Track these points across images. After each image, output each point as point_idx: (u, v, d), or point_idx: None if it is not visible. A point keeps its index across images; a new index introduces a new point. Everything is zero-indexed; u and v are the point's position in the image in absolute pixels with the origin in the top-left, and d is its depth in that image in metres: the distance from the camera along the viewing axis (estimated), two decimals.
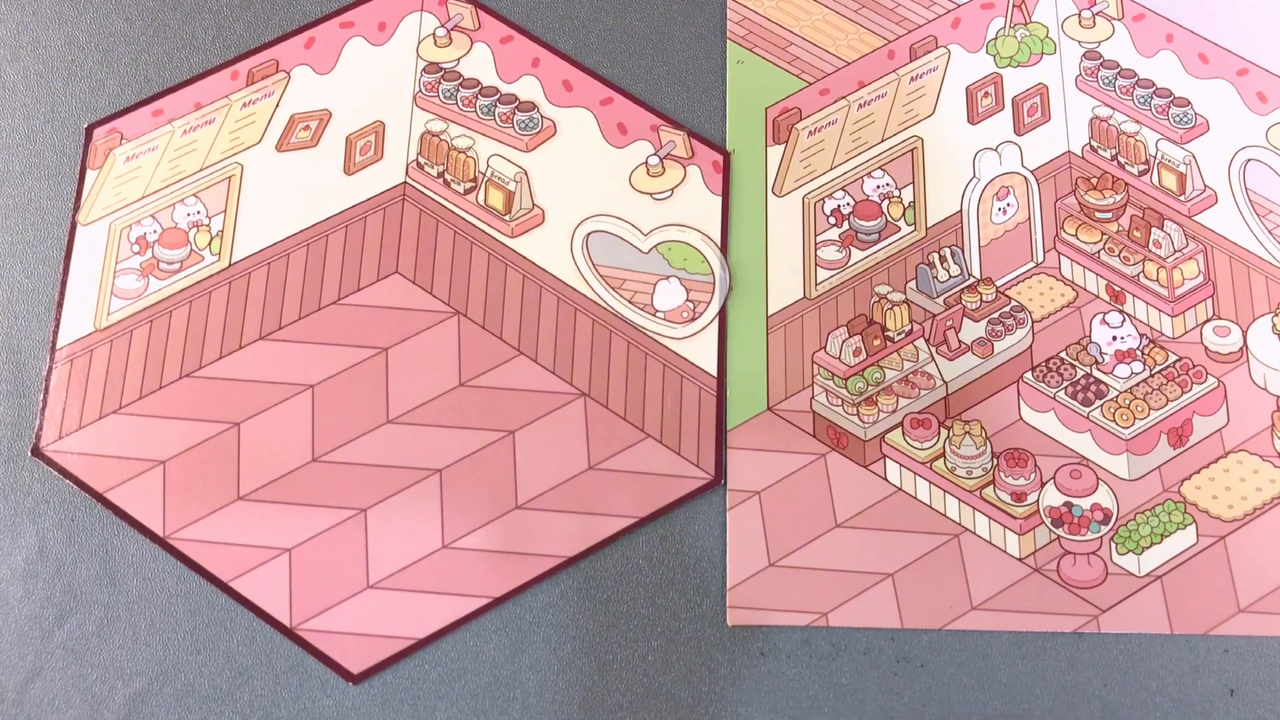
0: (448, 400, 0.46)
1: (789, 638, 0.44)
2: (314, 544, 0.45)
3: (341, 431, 0.46)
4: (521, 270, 0.48)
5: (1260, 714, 0.43)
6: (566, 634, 0.44)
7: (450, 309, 0.48)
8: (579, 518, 0.45)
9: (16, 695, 0.44)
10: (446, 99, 0.50)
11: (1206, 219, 0.49)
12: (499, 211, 0.49)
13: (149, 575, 0.45)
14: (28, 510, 0.46)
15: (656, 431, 0.46)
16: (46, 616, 0.45)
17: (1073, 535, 0.45)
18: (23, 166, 0.50)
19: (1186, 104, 0.51)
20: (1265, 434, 0.46)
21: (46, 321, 0.48)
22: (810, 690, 0.43)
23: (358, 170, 0.49)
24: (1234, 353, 0.47)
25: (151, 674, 0.44)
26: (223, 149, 0.50)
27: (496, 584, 0.44)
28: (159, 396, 0.47)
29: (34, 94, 0.51)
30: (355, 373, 0.47)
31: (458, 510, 0.45)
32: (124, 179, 0.49)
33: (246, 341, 0.47)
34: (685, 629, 0.44)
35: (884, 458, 0.46)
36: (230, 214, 0.49)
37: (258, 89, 0.51)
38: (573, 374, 0.47)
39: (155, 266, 0.48)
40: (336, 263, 0.48)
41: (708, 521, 0.45)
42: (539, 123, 0.50)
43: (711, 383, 0.47)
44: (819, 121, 0.51)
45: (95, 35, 0.52)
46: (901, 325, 0.48)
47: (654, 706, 0.43)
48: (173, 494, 0.45)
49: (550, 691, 0.43)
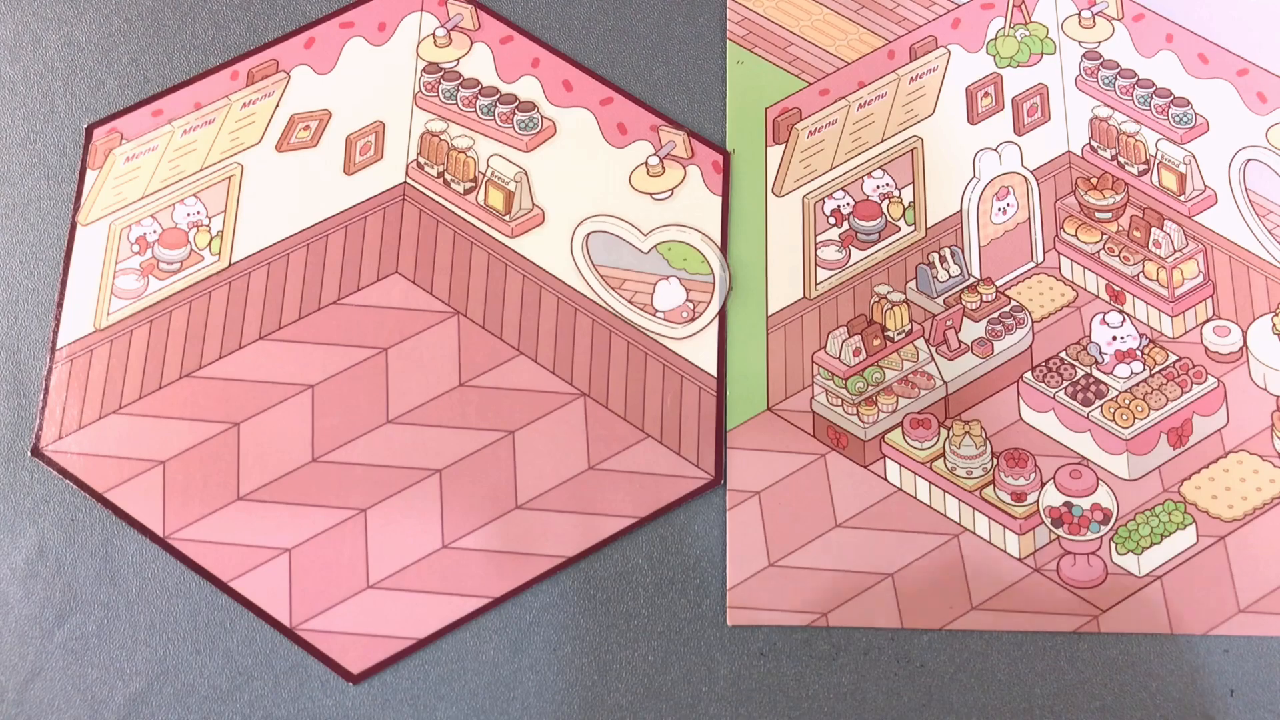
0: (448, 400, 0.46)
1: (789, 638, 0.44)
2: (314, 544, 0.45)
3: (341, 431, 0.46)
4: (521, 270, 0.48)
5: (1260, 714, 0.43)
6: (566, 634, 0.44)
7: (450, 309, 0.48)
8: (579, 518, 0.45)
9: (16, 695, 0.44)
10: (446, 99, 0.50)
11: (1206, 219, 0.49)
12: (499, 211, 0.49)
13: (149, 575, 0.45)
14: (28, 510, 0.46)
15: (656, 431, 0.46)
16: (46, 616, 0.45)
17: (1073, 535, 0.45)
18: (23, 166, 0.50)
19: (1186, 104, 0.51)
20: (1265, 434, 0.46)
21: (46, 321, 0.48)
22: (810, 690, 0.43)
23: (358, 170, 0.49)
24: (1234, 353, 0.47)
25: (151, 674, 0.44)
26: (223, 149, 0.50)
27: (496, 584, 0.44)
28: (159, 396, 0.47)
29: (34, 94, 0.51)
30: (355, 373, 0.47)
31: (458, 510, 0.45)
32: (124, 179, 0.49)
33: (246, 341, 0.47)
34: (685, 629, 0.44)
35: (884, 458, 0.46)
36: (230, 214, 0.49)
37: (258, 89, 0.51)
38: (573, 374, 0.47)
39: (155, 266, 0.48)
40: (336, 263, 0.48)
41: (708, 521, 0.45)
42: (539, 123, 0.50)
43: (711, 383, 0.47)
44: (819, 121, 0.51)
45: (95, 35, 0.52)
46: (901, 325, 0.48)
47: (654, 706, 0.43)
48: (173, 494, 0.45)
49: (550, 691, 0.43)
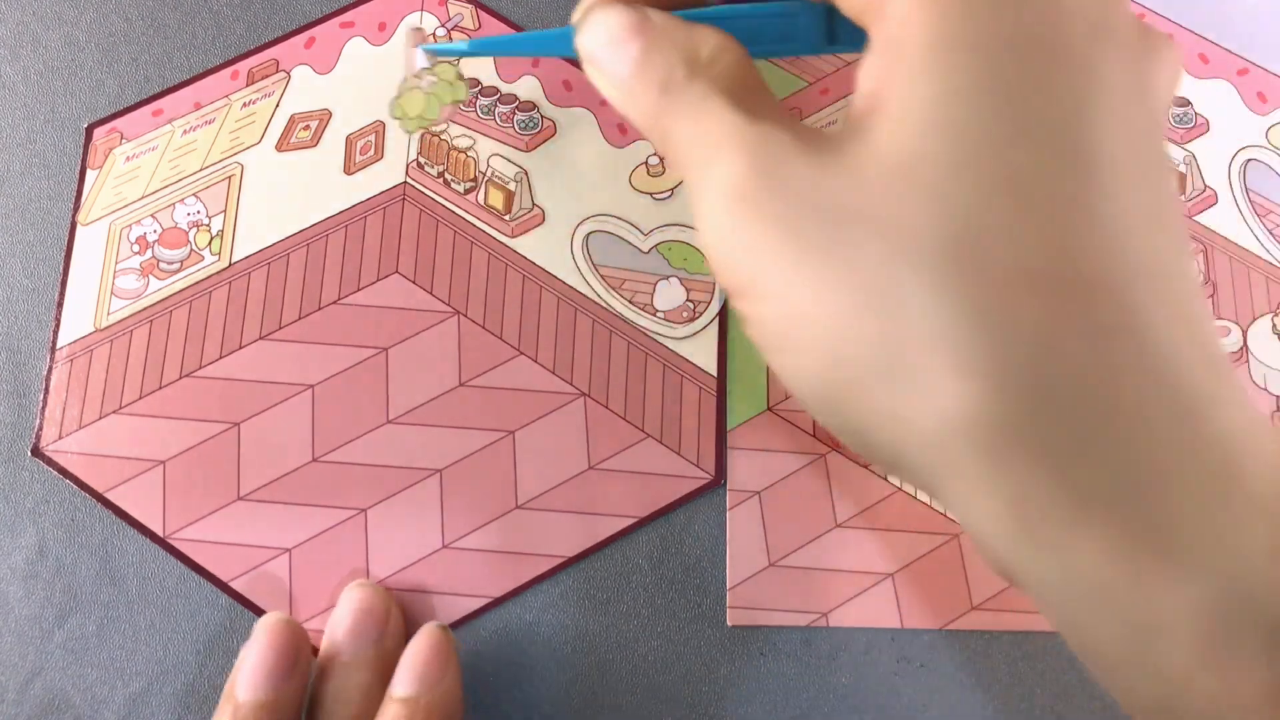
0: (448, 400, 0.46)
1: (789, 638, 0.44)
2: (314, 544, 0.45)
3: (341, 431, 0.46)
4: (521, 270, 0.48)
5: None
6: (566, 634, 0.44)
7: (450, 309, 0.48)
8: (579, 518, 0.45)
9: (16, 695, 0.44)
10: None
11: (1206, 219, 0.49)
12: (499, 211, 0.49)
13: (149, 575, 0.45)
14: (28, 510, 0.46)
15: (656, 431, 0.46)
16: (46, 616, 0.45)
17: None
18: (23, 166, 0.50)
19: (1186, 104, 0.51)
20: None
21: (46, 321, 0.48)
22: (810, 690, 0.43)
23: (358, 170, 0.49)
24: (1234, 353, 0.47)
25: (151, 674, 0.44)
26: (223, 149, 0.50)
27: (496, 584, 0.44)
28: (159, 396, 0.47)
29: (34, 94, 0.51)
30: (355, 373, 0.47)
31: (458, 510, 0.45)
32: (124, 179, 0.49)
33: (246, 341, 0.47)
34: (685, 629, 0.44)
35: None
36: (230, 214, 0.49)
37: (258, 89, 0.51)
38: (573, 374, 0.47)
39: (155, 266, 0.48)
40: (336, 263, 0.48)
41: (708, 521, 0.45)
42: (539, 123, 0.50)
43: (711, 383, 0.47)
44: (818, 121, 0.51)
45: (95, 35, 0.52)
46: None
47: (654, 706, 0.43)
48: (173, 494, 0.45)
49: (550, 691, 0.43)
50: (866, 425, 0.29)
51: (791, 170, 0.29)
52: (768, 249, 0.29)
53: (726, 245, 0.30)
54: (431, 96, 0.47)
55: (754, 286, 0.30)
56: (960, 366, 0.26)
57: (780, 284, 0.29)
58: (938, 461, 0.27)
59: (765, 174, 0.29)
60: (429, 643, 0.41)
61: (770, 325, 0.31)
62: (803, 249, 0.28)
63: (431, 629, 0.42)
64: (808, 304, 0.29)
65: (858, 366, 0.28)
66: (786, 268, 0.29)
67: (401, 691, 0.40)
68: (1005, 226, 0.26)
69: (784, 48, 0.37)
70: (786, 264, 0.29)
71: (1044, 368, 0.25)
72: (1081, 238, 0.26)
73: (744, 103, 0.31)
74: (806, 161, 0.29)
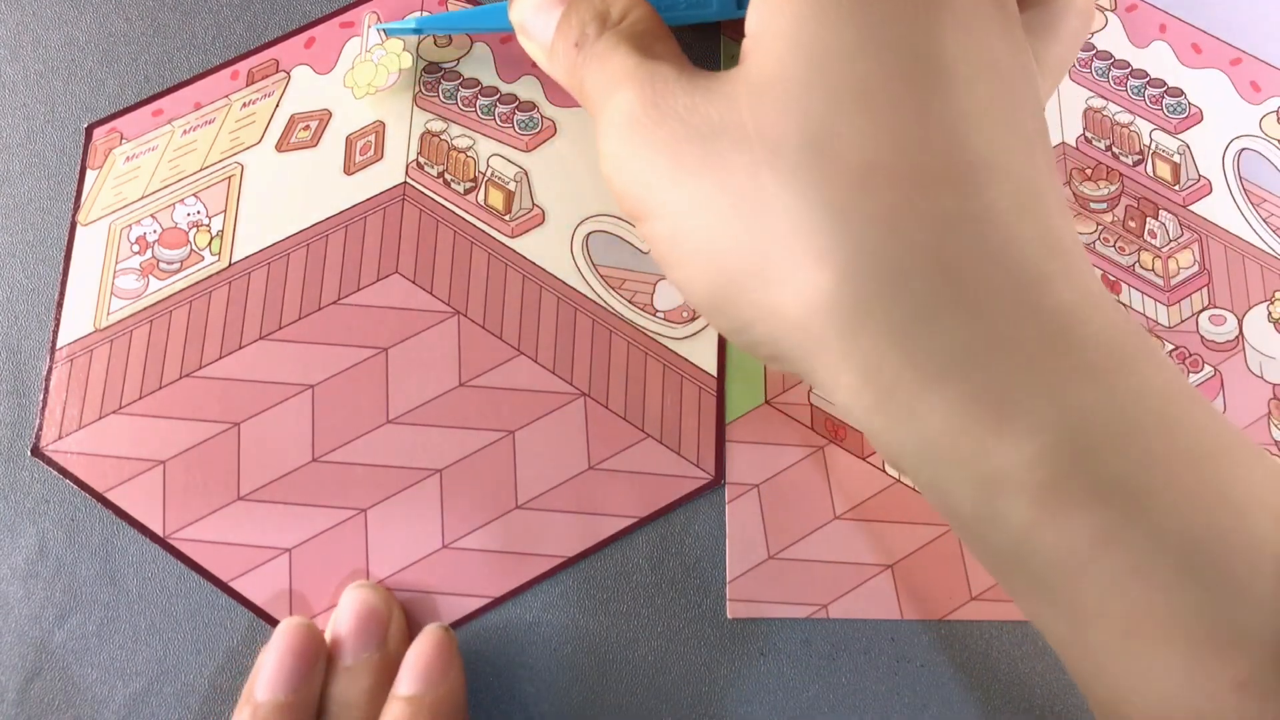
0: (448, 400, 0.46)
1: (789, 638, 0.44)
2: (314, 543, 0.45)
3: (341, 431, 0.46)
4: (521, 270, 0.48)
5: None
6: (566, 634, 0.44)
7: (450, 309, 0.48)
8: (579, 518, 0.45)
9: (17, 695, 0.44)
10: (446, 99, 0.51)
11: (1201, 208, 0.49)
12: (499, 211, 0.49)
13: (149, 575, 0.45)
14: (28, 510, 0.46)
15: (656, 431, 0.46)
16: (46, 616, 0.44)
17: None
18: (23, 166, 0.50)
19: (1180, 94, 0.51)
20: (1262, 422, 0.46)
21: (46, 321, 0.48)
22: (810, 690, 0.43)
23: (358, 170, 0.49)
24: (1229, 341, 0.47)
25: (151, 674, 0.44)
26: (223, 149, 0.50)
27: (496, 584, 0.44)
28: (159, 396, 0.47)
29: (34, 94, 0.51)
30: (355, 373, 0.47)
31: (458, 510, 0.45)
32: (124, 179, 0.49)
33: (246, 341, 0.47)
34: (685, 629, 0.44)
35: None
36: (230, 214, 0.49)
37: (258, 89, 0.51)
38: (573, 374, 0.47)
39: (155, 266, 0.48)
40: (336, 263, 0.48)
41: (708, 521, 0.45)
42: (539, 123, 0.50)
43: (711, 382, 0.47)
44: None
45: (95, 35, 0.52)
46: None
47: (654, 706, 0.43)
48: (173, 494, 0.45)
49: (550, 691, 0.43)
50: (748, 322, 0.32)
51: (675, 99, 0.32)
52: (655, 171, 0.32)
53: (623, 172, 0.34)
54: (380, 66, 0.49)
55: (646, 208, 0.33)
56: (817, 255, 0.29)
57: (667, 202, 0.33)
58: (805, 344, 0.30)
59: (653, 104, 0.33)
60: (432, 642, 0.41)
61: (662, 242, 0.34)
62: (683, 167, 0.32)
63: (435, 629, 0.42)
64: (690, 218, 0.32)
65: (735, 269, 0.31)
66: (670, 186, 0.32)
67: (405, 690, 0.40)
68: (854, 129, 0.29)
69: (698, 13, 0.41)
70: (670, 183, 0.32)
71: (890, 251, 0.28)
72: (923, 136, 0.29)
73: (647, 49, 0.35)
74: (688, 90, 0.32)
